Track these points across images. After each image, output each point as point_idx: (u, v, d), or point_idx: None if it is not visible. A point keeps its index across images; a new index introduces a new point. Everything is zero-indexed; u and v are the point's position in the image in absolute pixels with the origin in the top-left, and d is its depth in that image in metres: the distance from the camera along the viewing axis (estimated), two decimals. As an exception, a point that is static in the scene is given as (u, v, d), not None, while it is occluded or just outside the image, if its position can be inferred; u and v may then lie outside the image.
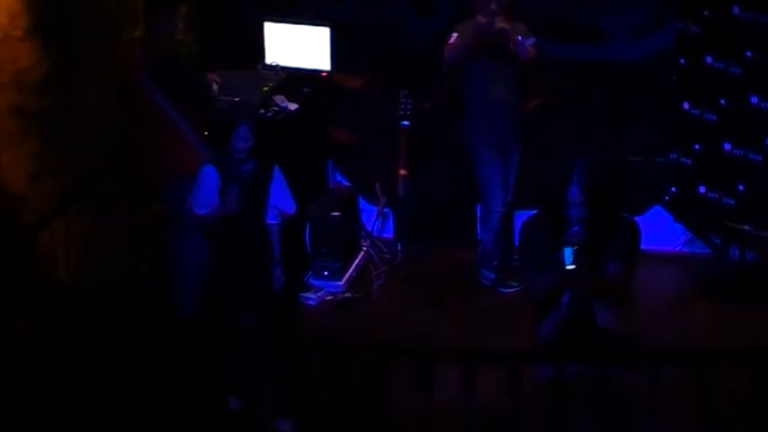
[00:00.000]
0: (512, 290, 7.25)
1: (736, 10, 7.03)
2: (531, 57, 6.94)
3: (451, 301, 7.24)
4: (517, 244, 6.77)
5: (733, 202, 7.29)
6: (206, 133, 6.60)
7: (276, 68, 7.46)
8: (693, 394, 4.64)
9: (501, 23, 6.83)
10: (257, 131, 5.82)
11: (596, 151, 6.99)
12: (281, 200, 5.91)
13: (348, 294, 7.33)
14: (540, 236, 5.31)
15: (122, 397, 5.23)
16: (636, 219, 7.42)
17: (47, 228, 6.23)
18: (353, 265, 7.55)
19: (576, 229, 5.18)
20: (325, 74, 7.53)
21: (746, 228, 7.19)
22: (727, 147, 7.21)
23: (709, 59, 7.20)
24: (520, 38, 6.88)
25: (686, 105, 7.36)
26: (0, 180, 6.36)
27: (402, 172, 7.46)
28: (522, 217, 6.51)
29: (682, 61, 7.34)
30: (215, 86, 6.75)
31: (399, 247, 7.58)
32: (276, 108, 7.19)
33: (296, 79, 7.46)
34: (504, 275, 7.28)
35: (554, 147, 7.24)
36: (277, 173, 5.92)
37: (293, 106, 7.26)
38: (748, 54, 7.04)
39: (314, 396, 5.29)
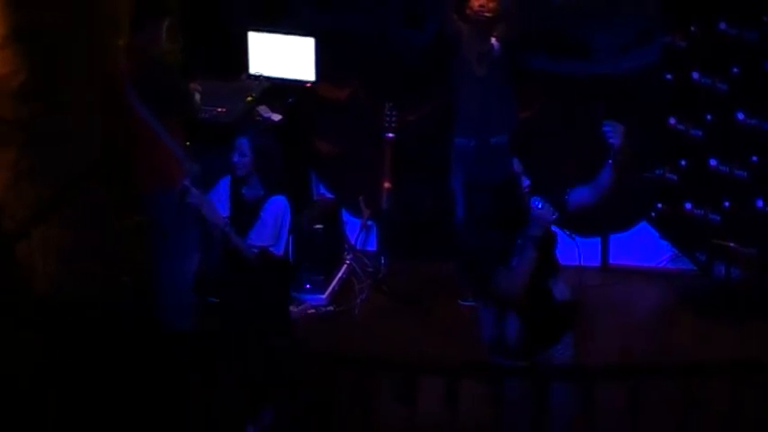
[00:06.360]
0: (469, 304, 7.15)
1: (723, 26, 7.12)
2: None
3: (435, 315, 7.30)
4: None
5: (719, 218, 7.38)
6: (187, 143, 6.68)
7: (260, 78, 7.52)
8: (675, 409, 4.72)
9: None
10: (257, 147, 5.74)
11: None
12: (268, 236, 5.72)
13: (331, 308, 7.41)
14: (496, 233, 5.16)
15: (106, 411, 5.30)
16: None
17: (26, 237, 6.16)
18: (336, 279, 7.63)
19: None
20: (309, 84, 7.58)
21: (732, 245, 7.30)
22: (713, 163, 7.32)
23: (695, 75, 7.29)
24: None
25: (672, 121, 7.44)
26: (-22, 188, 6.46)
27: (386, 185, 7.53)
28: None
29: (668, 76, 7.41)
30: (197, 96, 6.77)
31: (383, 261, 7.63)
32: (259, 118, 7.26)
33: (280, 90, 7.52)
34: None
35: (538, 162, 7.37)
36: (283, 204, 5.78)
37: (277, 117, 7.33)
38: (735, 70, 7.15)
39: (299, 409, 5.40)
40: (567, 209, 5.21)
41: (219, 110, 7.19)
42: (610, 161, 5.18)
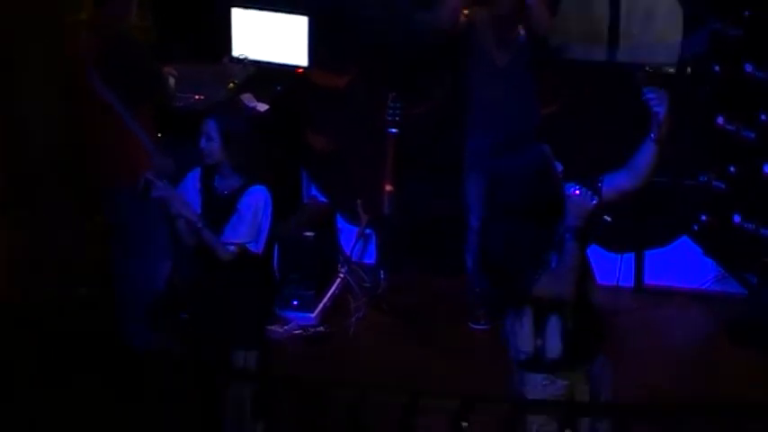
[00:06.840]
0: (481, 327, 7.22)
1: (783, 11, 6.95)
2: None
3: (441, 337, 7.22)
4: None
5: (772, 234, 7.21)
6: (159, 135, 6.62)
7: (244, 62, 7.45)
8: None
9: None
10: (226, 130, 5.63)
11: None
12: (246, 230, 5.63)
13: (321, 328, 7.30)
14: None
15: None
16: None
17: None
18: (328, 295, 7.51)
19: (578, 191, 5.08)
20: (301, 70, 7.54)
21: (788, 265, 7.17)
22: (768, 170, 7.16)
23: (749, 68, 7.12)
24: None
25: (720, 120, 7.33)
26: None
27: (388, 187, 7.41)
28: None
29: (716, 68, 7.30)
30: (172, 81, 6.71)
31: (382, 275, 7.54)
32: (242, 108, 7.13)
33: (267, 75, 7.49)
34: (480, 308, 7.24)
35: (567, 148, 7.28)
36: (264, 195, 5.67)
37: (262, 107, 7.29)
38: (795, 64, 6.97)
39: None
40: (601, 197, 5.09)
41: (197, 97, 7.12)
42: (652, 135, 5.02)
